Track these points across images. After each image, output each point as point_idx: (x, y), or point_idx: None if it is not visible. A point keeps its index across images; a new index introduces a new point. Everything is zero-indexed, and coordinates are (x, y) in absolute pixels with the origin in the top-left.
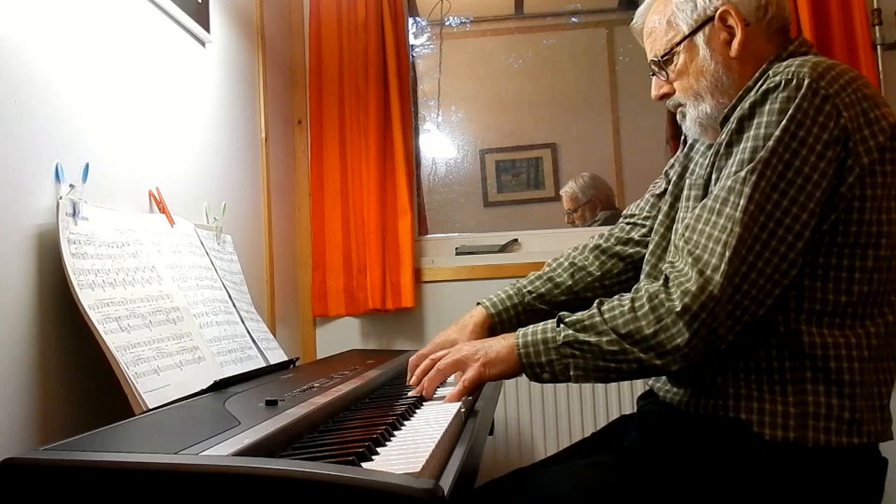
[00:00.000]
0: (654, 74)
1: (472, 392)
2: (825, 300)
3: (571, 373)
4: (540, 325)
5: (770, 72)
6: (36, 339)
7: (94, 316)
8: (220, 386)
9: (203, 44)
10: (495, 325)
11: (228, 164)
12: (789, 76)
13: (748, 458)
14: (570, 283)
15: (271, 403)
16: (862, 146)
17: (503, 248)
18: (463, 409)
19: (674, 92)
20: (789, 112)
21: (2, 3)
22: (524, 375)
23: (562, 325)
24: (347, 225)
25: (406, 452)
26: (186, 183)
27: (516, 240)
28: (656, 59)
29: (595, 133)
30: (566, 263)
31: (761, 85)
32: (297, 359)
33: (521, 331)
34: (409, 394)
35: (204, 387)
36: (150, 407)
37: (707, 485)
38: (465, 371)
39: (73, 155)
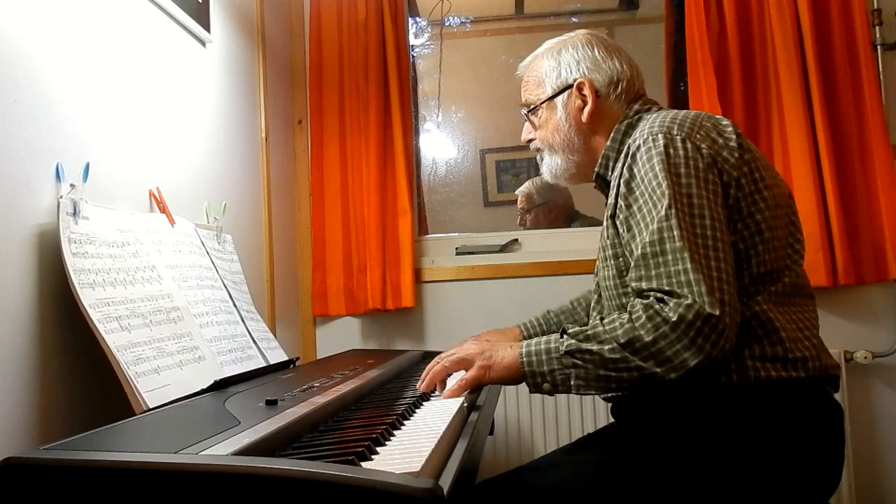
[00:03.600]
0: (527, 119)
1: (470, 390)
2: (739, 277)
3: (572, 382)
4: (545, 337)
5: (630, 138)
6: (36, 338)
7: (95, 315)
8: (220, 385)
9: (203, 44)
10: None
11: (229, 164)
12: (646, 136)
13: (710, 403)
14: (586, 320)
15: (271, 403)
16: (726, 164)
17: (503, 248)
18: (465, 404)
19: (535, 139)
20: (663, 159)
21: (3, 3)
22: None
23: (565, 336)
24: (348, 224)
25: (406, 452)
26: (187, 182)
27: (516, 240)
28: (525, 110)
29: None
30: (584, 304)
31: (627, 150)
32: (298, 359)
33: (526, 341)
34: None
35: (204, 386)
36: (151, 406)
37: (694, 477)
38: (468, 370)
39: (73, 154)
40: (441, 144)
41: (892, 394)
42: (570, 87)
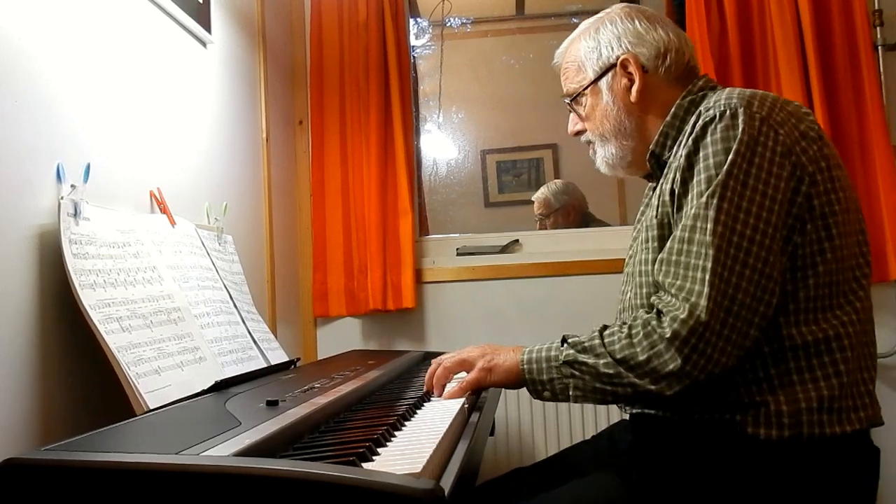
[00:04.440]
0: (571, 111)
1: (469, 393)
2: (795, 297)
3: (570, 392)
4: (546, 344)
5: (701, 107)
6: (37, 339)
7: (96, 316)
8: (221, 386)
9: (204, 44)
10: None
11: (229, 165)
12: (722, 108)
13: (743, 458)
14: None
15: (272, 404)
16: (804, 156)
17: (504, 249)
18: (466, 405)
19: (585, 130)
20: (737, 137)
21: (4, 4)
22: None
23: (565, 345)
24: (348, 225)
25: (407, 453)
26: (187, 183)
27: (517, 240)
28: (568, 100)
29: None
30: None
31: (696, 121)
32: (298, 359)
33: (528, 347)
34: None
35: (205, 387)
36: (152, 407)
37: (704, 488)
38: (469, 371)
39: (74, 155)
40: (442, 145)
41: (892, 394)
42: (614, 66)
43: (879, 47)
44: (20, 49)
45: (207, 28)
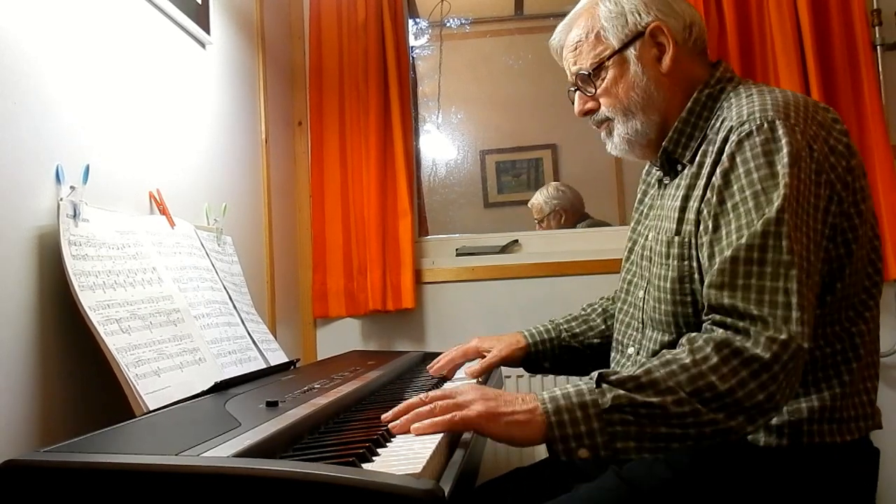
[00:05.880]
0: (577, 90)
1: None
2: (821, 304)
3: (619, 444)
4: (570, 387)
5: (730, 118)
6: (36, 340)
7: (95, 317)
8: (220, 387)
9: (203, 45)
10: (531, 353)
11: (229, 166)
12: (759, 121)
13: (742, 463)
14: (602, 327)
15: (272, 405)
16: (832, 173)
17: (504, 249)
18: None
19: (598, 108)
20: (780, 151)
21: (3, 5)
22: (553, 449)
23: (605, 385)
24: (348, 226)
25: (407, 453)
26: (187, 184)
27: (517, 240)
28: (583, 73)
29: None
30: (599, 310)
31: (728, 135)
32: (298, 360)
33: (545, 393)
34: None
35: (205, 388)
36: (151, 408)
37: (704, 491)
38: (462, 411)
39: (73, 156)
40: (441, 145)
41: (892, 394)
42: (642, 34)
43: (878, 47)
44: (20, 51)
45: (206, 29)
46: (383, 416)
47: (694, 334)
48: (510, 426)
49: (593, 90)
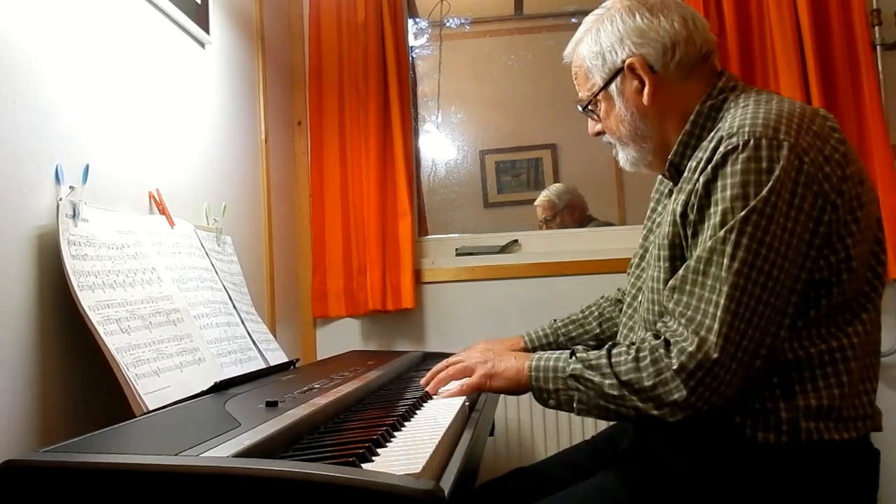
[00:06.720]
0: (587, 116)
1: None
2: (805, 315)
3: (575, 405)
4: (554, 354)
5: (723, 129)
6: (36, 340)
7: (95, 317)
8: (220, 387)
9: (203, 45)
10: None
11: (229, 166)
12: (746, 137)
13: (742, 459)
14: (597, 331)
15: (272, 405)
16: (827, 183)
17: (503, 249)
18: (468, 403)
19: (605, 131)
20: (759, 170)
21: (3, 5)
22: (530, 395)
23: (573, 359)
24: (347, 226)
25: (407, 453)
26: (186, 184)
27: (516, 240)
28: (584, 104)
29: None
30: (596, 313)
31: (717, 145)
32: (298, 360)
33: (535, 355)
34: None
35: (204, 388)
36: (151, 408)
37: (704, 488)
38: (470, 376)
39: (73, 156)
40: (441, 145)
41: (892, 394)
42: (621, 70)
43: (878, 46)
44: (19, 50)
45: (206, 29)
46: (422, 381)
47: (647, 335)
48: (503, 381)
49: (597, 118)
